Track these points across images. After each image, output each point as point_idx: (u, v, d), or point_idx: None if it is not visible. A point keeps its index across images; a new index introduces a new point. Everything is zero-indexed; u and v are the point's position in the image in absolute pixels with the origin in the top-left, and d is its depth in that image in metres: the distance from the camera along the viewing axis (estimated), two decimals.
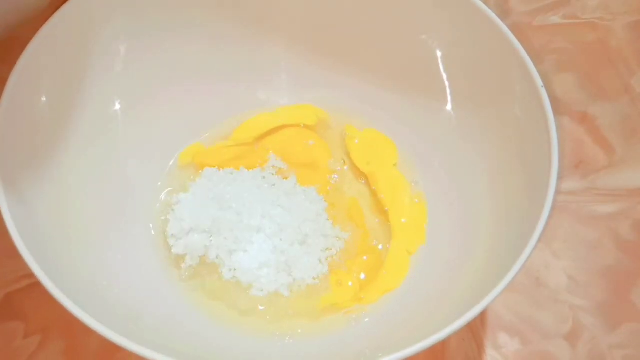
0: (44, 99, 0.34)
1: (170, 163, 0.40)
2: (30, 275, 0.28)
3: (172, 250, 0.36)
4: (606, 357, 0.37)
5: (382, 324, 0.34)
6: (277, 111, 0.42)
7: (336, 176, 0.41)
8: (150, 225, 0.38)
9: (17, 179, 0.31)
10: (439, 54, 0.38)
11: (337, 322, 0.35)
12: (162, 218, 0.38)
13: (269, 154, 0.41)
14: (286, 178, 0.40)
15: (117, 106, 0.38)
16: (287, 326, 0.35)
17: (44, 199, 0.33)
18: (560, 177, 0.41)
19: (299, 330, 0.35)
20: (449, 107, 0.39)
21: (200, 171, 0.40)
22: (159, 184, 0.39)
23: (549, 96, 0.33)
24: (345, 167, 0.41)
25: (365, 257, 0.37)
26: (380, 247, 0.38)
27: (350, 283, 0.37)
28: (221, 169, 0.39)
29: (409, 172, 0.40)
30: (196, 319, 0.35)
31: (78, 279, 0.31)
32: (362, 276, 0.37)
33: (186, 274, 0.36)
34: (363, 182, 0.40)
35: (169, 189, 0.39)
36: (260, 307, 0.35)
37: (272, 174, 0.40)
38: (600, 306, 0.38)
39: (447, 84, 0.39)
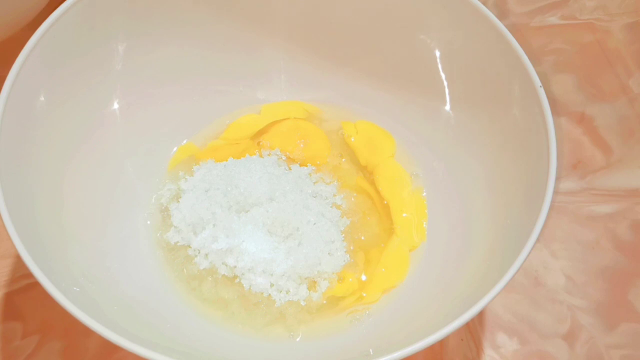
0: (42, 98, 0.34)
1: (169, 162, 0.40)
2: (29, 275, 0.28)
3: (189, 257, 0.36)
4: (604, 357, 0.37)
5: (383, 324, 0.35)
6: (263, 108, 0.42)
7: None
8: (151, 226, 0.38)
9: (16, 179, 0.31)
10: (437, 53, 0.39)
11: (340, 323, 0.35)
12: (162, 219, 0.38)
13: (268, 149, 0.41)
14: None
15: (116, 105, 0.38)
16: (291, 326, 0.35)
17: (43, 199, 0.33)
18: (558, 178, 0.41)
19: (302, 331, 0.35)
20: (447, 107, 0.39)
21: (197, 165, 0.39)
22: (159, 182, 0.39)
23: (547, 97, 0.33)
24: (343, 160, 0.41)
25: (368, 252, 0.37)
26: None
27: (351, 279, 0.36)
28: (218, 163, 0.39)
29: (407, 169, 0.40)
30: (197, 319, 0.35)
31: (76, 279, 0.31)
32: (364, 277, 0.37)
33: (188, 277, 0.36)
34: (362, 175, 0.40)
35: (169, 187, 0.39)
36: (263, 306, 0.35)
37: (282, 164, 0.40)
38: (598, 306, 0.38)
39: (445, 84, 0.39)
